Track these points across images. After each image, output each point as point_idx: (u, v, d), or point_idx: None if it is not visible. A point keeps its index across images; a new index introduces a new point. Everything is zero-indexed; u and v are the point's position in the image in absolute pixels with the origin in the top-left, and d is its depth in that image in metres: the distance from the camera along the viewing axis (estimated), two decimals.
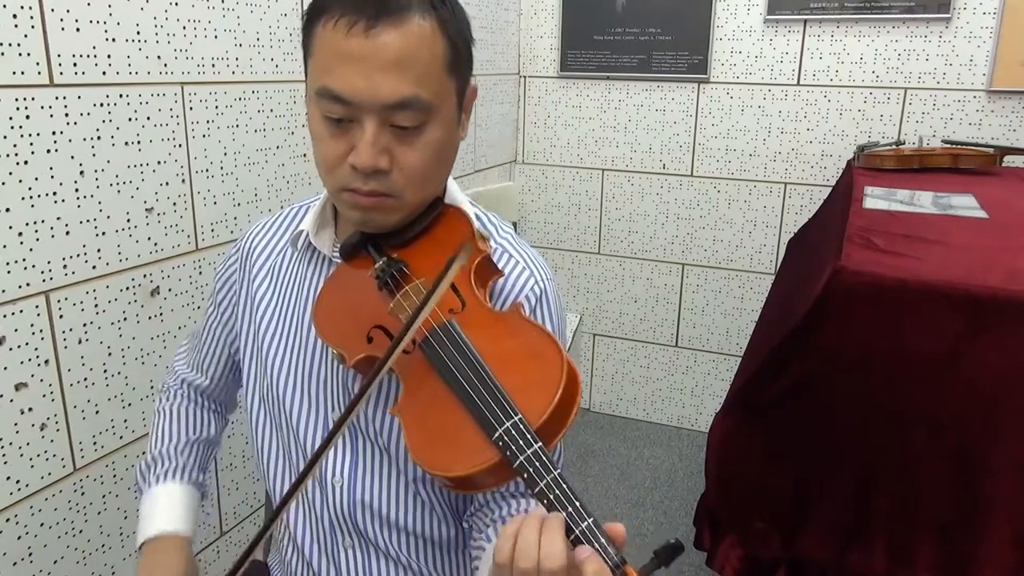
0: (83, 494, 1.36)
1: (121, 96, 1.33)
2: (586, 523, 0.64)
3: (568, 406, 0.70)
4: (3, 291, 1.19)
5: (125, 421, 1.41)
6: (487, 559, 0.76)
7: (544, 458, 0.66)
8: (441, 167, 0.87)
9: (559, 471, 0.65)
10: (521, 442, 0.66)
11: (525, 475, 0.65)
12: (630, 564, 0.63)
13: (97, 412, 1.36)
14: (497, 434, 0.67)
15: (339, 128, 0.81)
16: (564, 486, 0.65)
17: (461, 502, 0.97)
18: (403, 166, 0.82)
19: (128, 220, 1.38)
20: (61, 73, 1.23)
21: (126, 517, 1.45)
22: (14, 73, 1.16)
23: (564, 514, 0.64)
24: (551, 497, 0.65)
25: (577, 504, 0.64)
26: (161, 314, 1.46)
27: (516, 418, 0.67)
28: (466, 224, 0.88)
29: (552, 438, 0.69)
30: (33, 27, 1.18)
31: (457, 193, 0.96)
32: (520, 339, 0.76)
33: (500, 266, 0.89)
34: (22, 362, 1.23)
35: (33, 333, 1.24)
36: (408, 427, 0.74)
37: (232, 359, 1.10)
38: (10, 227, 1.18)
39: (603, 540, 0.63)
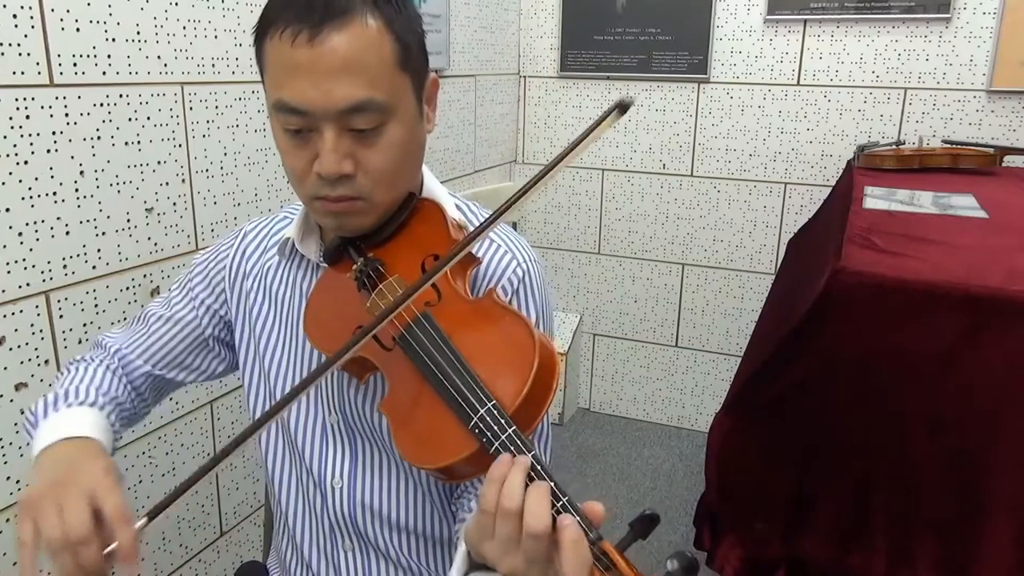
0: None
1: (121, 96, 1.33)
2: (562, 501, 0.65)
3: (544, 388, 0.70)
4: (3, 291, 1.19)
5: None
6: (468, 520, 0.77)
7: (519, 441, 0.67)
8: (408, 164, 0.87)
9: (535, 452, 0.66)
10: (496, 428, 0.67)
11: None
12: (607, 540, 0.64)
13: None
14: (473, 422, 0.68)
15: (300, 139, 0.82)
16: (539, 467, 0.66)
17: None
18: (368, 168, 0.82)
19: (128, 220, 1.38)
20: (61, 73, 1.23)
21: None
22: (14, 73, 1.16)
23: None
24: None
25: (553, 483, 0.65)
26: None
27: (490, 404, 0.68)
28: (439, 216, 0.88)
29: (531, 421, 0.70)
30: (33, 27, 1.18)
31: (435, 185, 0.95)
32: (494, 325, 0.77)
33: (481, 252, 0.90)
34: (22, 362, 1.23)
35: (33, 333, 1.24)
36: (394, 423, 0.75)
37: (186, 360, 1.03)
38: (10, 227, 1.18)
39: (579, 516, 0.64)
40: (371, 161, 0.82)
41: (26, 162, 1.19)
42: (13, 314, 1.20)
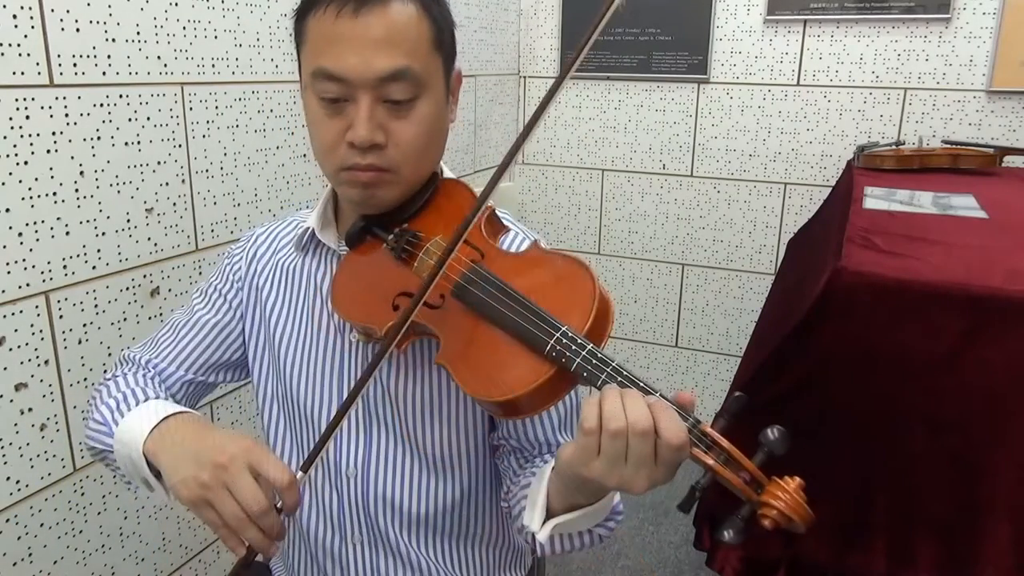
0: (83, 494, 1.36)
1: (121, 96, 1.33)
2: (655, 396, 0.68)
3: (605, 315, 0.74)
4: (3, 291, 1.19)
5: None
6: (539, 475, 0.82)
7: (599, 355, 0.70)
8: (434, 144, 0.90)
9: (616, 362, 0.69)
10: (574, 347, 0.70)
11: (585, 374, 0.70)
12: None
13: None
14: (548, 346, 0.70)
15: (334, 108, 0.84)
16: (625, 372, 0.69)
17: (485, 482, 0.98)
18: (398, 141, 0.85)
19: (128, 220, 1.38)
20: (61, 73, 1.23)
21: (126, 517, 1.45)
22: (14, 73, 1.16)
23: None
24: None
25: (642, 384, 0.69)
26: (161, 314, 1.46)
27: (563, 328, 0.71)
28: (466, 192, 0.92)
29: (598, 343, 0.72)
30: (33, 27, 1.18)
31: (452, 176, 0.98)
32: (546, 267, 0.80)
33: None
34: (22, 362, 1.23)
35: (33, 333, 1.24)
36: (457, 369, 0.76)
37: (216, 361, 1.03)
38: (10, 227, 1.18)
39: (674, 408, 0.68)
40: (402, 133, 0.85)
41: (26, 162, 1.19)
42: (13, 314, 1.20)
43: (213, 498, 0.74)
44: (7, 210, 1.17)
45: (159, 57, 1.39)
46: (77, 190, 1.28)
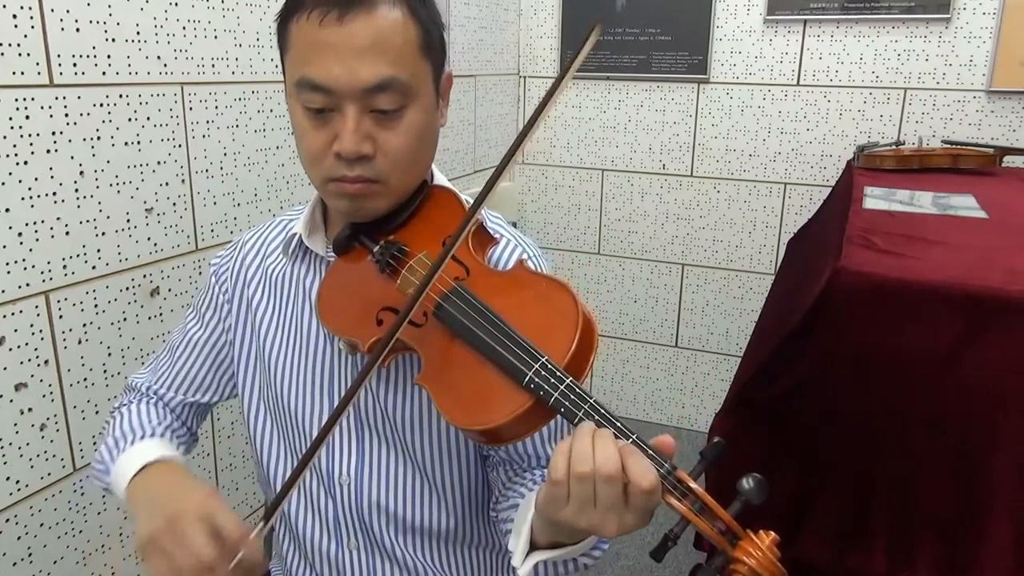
0: (83, 494, 1.36)
1: (121, 96, 1.33)
2: (631, 439, 0.67)
3: (588, 343, 0.72)
4: (3, 291, 1.19)
5: None
6: (526, 503, 0.80)
7: (577, 390, 0.68)
8: (424, 151, 0.88)
9: (594, 399, 0.68)
10: (553, 380, 0.68)
11: (562, 409, 0.68)
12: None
13: (97, 412, 1.36)
14: (527, 378, 0.69)
15: (320, 119, 0.82)
16: (602, 410, 0.67)
17: (478, 489, 0.97)
18: (387, 151, 0.83)
19: (128, 220, 1.38)
20: (61, 73, 1.23)
21: (126, 517, 1.45)
22: (14, 73, 1.16)
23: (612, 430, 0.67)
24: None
25: (618, 424, 0.67)
26: (161, 314, 1.46)
27: (543, 359, 0.69)
28: (455, 201, 0.90)
29: (579, 375, 0.71)
30: (33, 27, 1.18)
31: (442, 180, 0.96)
32: (530, 289, 0.79)
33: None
34: (22, 362, 1.23)
35: (33, 333, 1.24)
36: (436, 392, 0.75)
37: (212, 379, 1.05)
38: (10, 227, 1.18)
39: (650, 452, 0.66)
40: (390, 143, 0.83)
41: (26, 162, 1.19)
42: (13, 314, 1.20)
43: (161, 550, 0.74)
44: (7, 210, 1.17)
45: (159, 57, 1.39)
46: (77, 190, 1.28)
